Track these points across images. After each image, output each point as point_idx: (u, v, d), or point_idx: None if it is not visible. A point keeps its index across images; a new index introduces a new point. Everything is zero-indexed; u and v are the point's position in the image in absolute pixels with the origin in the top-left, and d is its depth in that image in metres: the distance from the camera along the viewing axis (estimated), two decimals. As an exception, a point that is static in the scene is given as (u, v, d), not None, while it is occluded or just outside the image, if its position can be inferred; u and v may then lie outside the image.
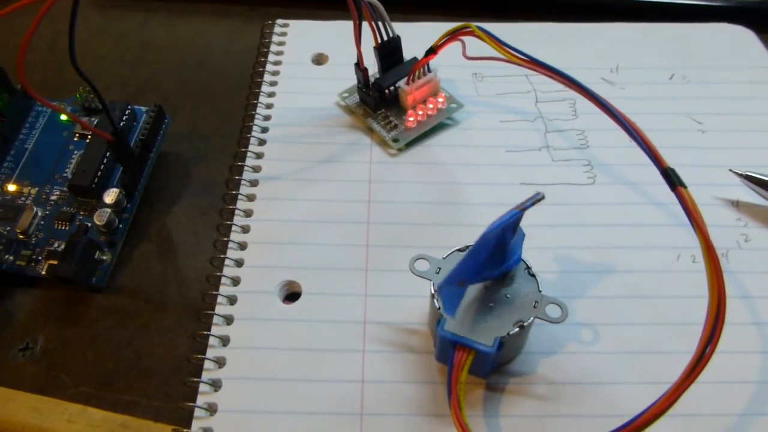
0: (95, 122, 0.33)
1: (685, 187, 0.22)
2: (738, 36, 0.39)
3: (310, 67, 0.37)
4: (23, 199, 0.31)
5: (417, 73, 0.33)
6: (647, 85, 0.36)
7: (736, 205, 0.31)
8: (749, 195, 0.31)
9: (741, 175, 0.31)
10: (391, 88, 0.33)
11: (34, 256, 0.29)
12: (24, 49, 0.22)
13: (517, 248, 0.24)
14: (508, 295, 0.24)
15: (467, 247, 0.25)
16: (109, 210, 0.30)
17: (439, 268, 0.25)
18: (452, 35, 0.30)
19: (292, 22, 0.40)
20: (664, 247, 0.29)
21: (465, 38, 0.30)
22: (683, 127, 0.34)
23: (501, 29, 0.30)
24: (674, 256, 0.29)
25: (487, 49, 0.29)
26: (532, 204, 0.22)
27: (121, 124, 0.32)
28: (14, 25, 0.25)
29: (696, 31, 0.39)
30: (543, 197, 0.22)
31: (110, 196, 0.30)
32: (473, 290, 0.24)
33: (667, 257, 0.29)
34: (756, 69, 0.37)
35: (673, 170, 0.22)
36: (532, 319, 0.24)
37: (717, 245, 0.22)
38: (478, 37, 0.29)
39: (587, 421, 0.24)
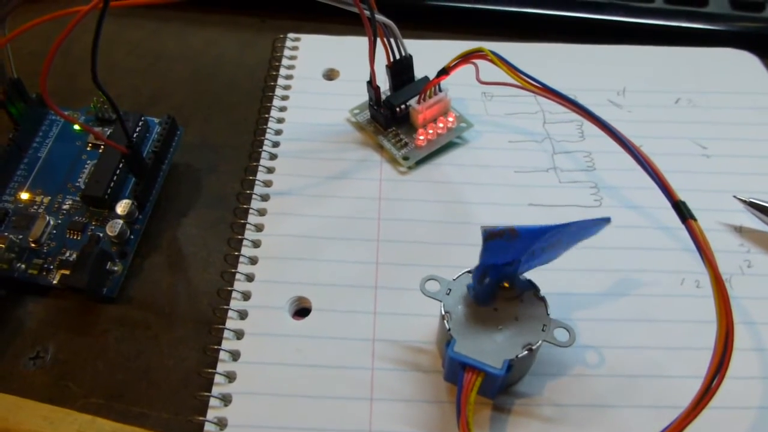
0: (108, 133, 0.33)
1: (695, 220, 0.22)
2: (743, 61, 0.40)
3: (321, 82, 0.38)
4: (36, 207, 0.31)
5: (428, 93, 0.33)
6: (653, 108, 0.37)
7: (740, 230, 0.31)
8: (752, 221, 0.31)
9: (745, 202, 0.31)
10: (402, 106, 0.34)
11: (45, 265, 0.30)
12: (46, 72, 0.22)
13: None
14: (517, 318, 0.24)
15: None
16: (121, 221, 0.30)
17: (450, 290, 0.25)
18: (465, 58, 0.31)
19: (303, 37, 0.40)
20: (668, 271, 0.30)
21: (477, 61, 0.31)
22: (688, 151, 0.35)
23: (511, 49, 0.31)
24: (678, 280, 0.29)
25: (498, 71, 0.30)
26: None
27: (135, 135, 0.32)
28: (30, 33, 0.25)
29: (702, 56, 0.40)
30: None
31: (122, 206, 0.31)
32: (483, 312, 0.25)
33: (672, 281, 0.29)
34: (760, 95, 0.38)
35: (683, 203, 0.22)
36: (540, 342, 0.24)
37: (720, 270, 0.22)
38: (491, 61, 0.29)
39: (592, 443, 0.25)
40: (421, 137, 0.34)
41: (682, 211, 0.22)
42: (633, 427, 0.25)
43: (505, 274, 0.24)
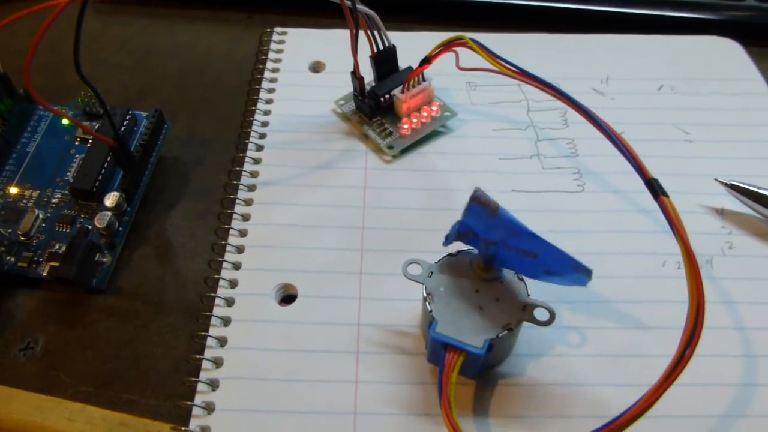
0: (96, 127, 0.33)
1: (667, 196, 0.22)
2: (726, 49, 0.40)
3: (308, 74, 0.38)
4: (25, 201, 0.32)
5: (412, 82, 0.33)
6: (636, 95, 0.37)
7: (721, 213, 0.32)
8: (734, 203, 0.32)
9: (726, 185, 0.32)
10: (387, 96, 0.34)
11: (35, 258, 0.30)
12: (29, 63, 0.23)
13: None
14: (498, 299, 0.25)
15: (459, 252, 0.26)
16: (109, 213, 0.31)
17: (431, 272, 0.25)
18: (446, 46, 0.31)
19: (290, 30, 0.41)
20: (650, 253, 0.30)
21: (458, 49, 0.31)
22: (671, 137, 0.35)
23: (494, 40, 0.31)
24: (660, 262, 0.30)
25: (480, 60, 0.30)
26: None
27: (122, 129, 0.33)
28: (15, 29, 0.25)
29: (685, 44, 0.40)
30: None
31: (111, 199, 0.31)
32: (464, 293, 0.25)
33: (653, 263, 0.30)
34: (742, 81, 0.38)
35: (656, 180, 0.23)
36: (520, 322, 0.24)
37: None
38: (471, 48, 0.29)
39: (572, 421, 0.25)
40: (406, 126, 0.34)
41: (655, 188, 0.22)
42: (614, 405, 0.25)
43: (480, 249, 0.24)
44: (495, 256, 0.24)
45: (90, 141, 0.33)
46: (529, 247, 0.22)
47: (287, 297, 0.29)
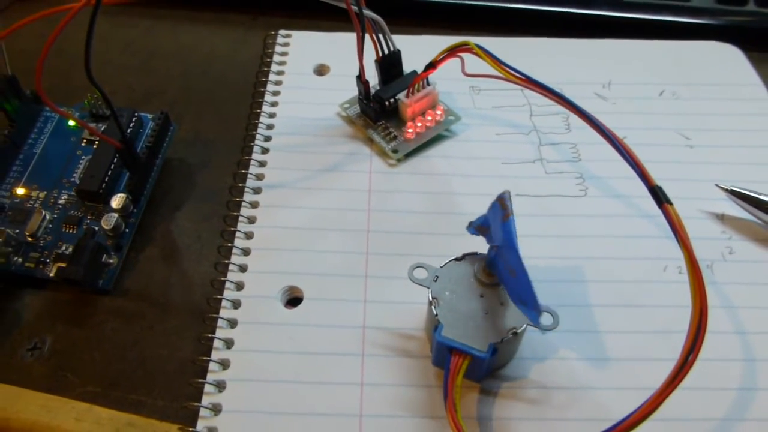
0: (102, 128, 0.34)
1: (671, 204, 0.23)
2: (726, 54, 0.40)
3: (312, 77, 0.38)
4: (32, 202, 0.32)
5: (416, 86, 0.34)
6: (638, 100, 0.38)
7: (722, 218, 0.32)
8: (734, 209, 0.32)
9: (726, 190, 0.32)
10: (391, 100, 0.34)
11: (42, 259, 0.30)
12: (41, 65, 0.23)
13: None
14: (503, 303, 0.25)
15: (464, 256, 0.26)
16: (116, 214, 0.31)
17: (437, 276, 0.26)
18: (451, 51, 0.31)
19: (294, 33, 0.41)
20: (651, 258, 0.30)
21: (463, 55, 0.31)
22: (672, 142, 0.35)
23: (498, 44, 0.32)
24: (661, 267, 0.30)
25: (484, 65, 0.30)
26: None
27: (129, 131, 0.33)
28: (20, 30, 0.26)
29: (686, 49, 0.41)
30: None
31: (117, 200, 0.31)
32: (469, 298, 0.25)
33: (655, 268, 0.30)
34: (743, 87, 0.38)
35: (660, 188, 0.23)
36: (524, 326, 0.25)
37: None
38: (477, 54, 0.30)
39: (575, 424, 0.25)
40: (410, 130, 0.34)
41: (659, 195, 0.23)
42: (615, 408, 0.25)
43: (488, 250, 0.25)
44: (495, 261, 0.25)
45: (96, 142, 0.33)
46: (513, 264, 0.22)
47: (293, 299, 0.29)
